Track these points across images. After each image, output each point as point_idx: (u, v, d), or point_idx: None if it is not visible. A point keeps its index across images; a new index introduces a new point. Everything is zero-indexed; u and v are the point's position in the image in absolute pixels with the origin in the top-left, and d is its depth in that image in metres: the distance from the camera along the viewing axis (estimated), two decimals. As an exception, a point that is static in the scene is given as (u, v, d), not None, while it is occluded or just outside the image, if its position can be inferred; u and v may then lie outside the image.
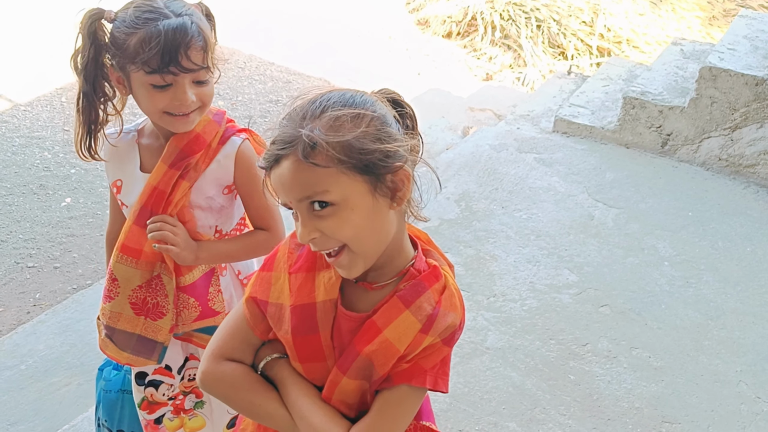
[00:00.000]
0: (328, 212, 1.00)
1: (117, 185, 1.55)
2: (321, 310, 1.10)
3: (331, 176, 0.98)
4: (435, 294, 1.08)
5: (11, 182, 3.87)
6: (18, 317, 3.03)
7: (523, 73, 5.56)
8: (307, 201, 1.00)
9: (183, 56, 1.33)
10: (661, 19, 6.07)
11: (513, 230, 3.02)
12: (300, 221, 1.02)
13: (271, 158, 1.01)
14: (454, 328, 1.08)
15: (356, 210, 1.00)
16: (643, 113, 3.57)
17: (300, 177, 0.99)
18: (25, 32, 5.51)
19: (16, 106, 4.57)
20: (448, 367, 1.11)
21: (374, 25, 6.38)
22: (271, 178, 1.03)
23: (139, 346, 1.57)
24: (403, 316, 1.05)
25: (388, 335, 1.05)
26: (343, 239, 1.02)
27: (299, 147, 0.98)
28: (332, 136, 0.98)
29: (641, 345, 2.51)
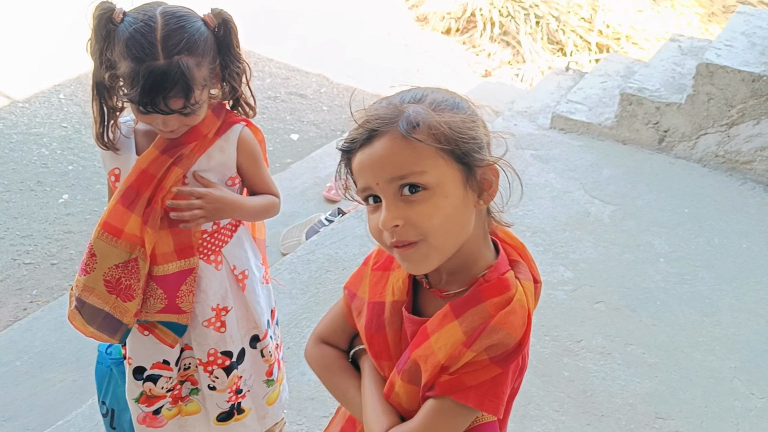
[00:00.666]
0: (421, 197, 0.97)
1: (115, 174, 1.56)
2: (389, 311, 1.11)
3: (430, 157, 0.97)
4: (492, 308, 1.01)
5: (8, 179, 3.88)
6: (15, 314, 3.04)
7: (522, 69, 5.56)
8: (398, 182, 0.97)
9: (161, 102, 1.35)
10: (660, 16, 6.06)
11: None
12: (385, 205, 0.98)
13: (363, 135, 0.98)
14: (506, 347, 1.01)
15: (449, 198, 0.98)
16: (640, 110, 3.57)
17: (398, 154, 0.96)
18: (23, 28, 5.51)
19: (13, 103, 4.58)
20: (500, 389, 1.04)
21: (373, 22, 6.38)
22: (357, 159, 1.00)
23: (105, 324, 1.57)
24: (450, 326, 1.02)
25: (433, 343, 1.03)
26: (429, 228, 0.97)
27: (401, 123, 0.96)
28: (435, 117, 0.97)
29: (636, 341, 2.51)
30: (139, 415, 1.70)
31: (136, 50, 1.33)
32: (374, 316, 1.12)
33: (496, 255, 1.09)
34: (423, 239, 0.98)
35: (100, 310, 1.56)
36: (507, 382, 1.04)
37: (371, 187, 0.99)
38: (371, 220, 1.02)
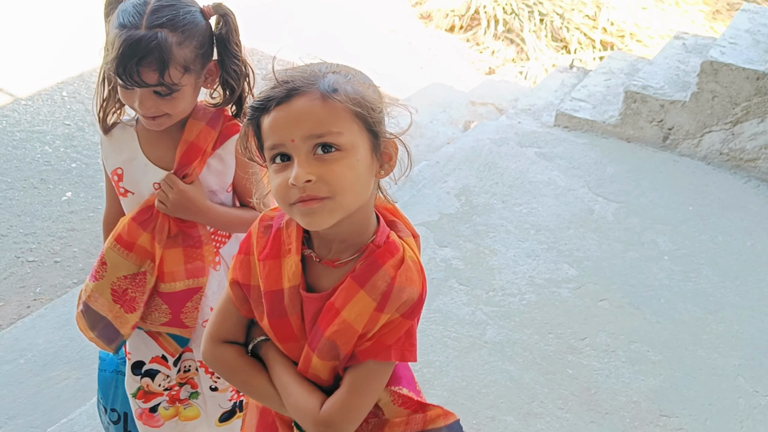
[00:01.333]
0: (335, 156, 1.01)
1: (118, 173, 1.57)
2: (288, 296, 1.13)
3: (347, 120, 1.02)
4: (390, 269, 1.08)
5: (12, 176, 3.88)
6: (18, 311, 3.04)
7: (526, 67, 5.55)
8: (314, 140, 1.01)
9: (133, 71, 1.35)
10: (665, 13, 6.05)
11: (513, 224, 3.02)
12: (297, 162, 1.01)
13: (281, 94, 1.01)
14: (412, 301, 1.09)
15: (360, 161, 1.03)
16: (645, 107, 3.56)
17: (317, 113, 1.00)
18: (26, 26, 5.51)
19: (16, 101, 4.57)
20: (414, 338, 1.13)
21: (377, 19, 6.37)
22: (271, 117, 1.02)
23: (104, 331, 1.59)
24: (359, 297, 1.07)
25: (346, 316, 1.07)
26: (339, 186, 1.02)
27: (321, 84, 1.01)
28: (353, 87, 1.03)
29: (640, 339, 2.51)
30: (136, 410, 1.71)
31: (123, 18, 1.36)
32: (274, 304, 1.14)
33: (377, 221, 1.15)
34: (331, 197, 1.02)
35: (103, 317, 1.58)
36: (415, 330, 1.14)
37: (284, 144, 1.02)
38: (277, 178, 1.04)
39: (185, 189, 1.51)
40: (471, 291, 2.66)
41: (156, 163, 1.54)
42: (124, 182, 1.57)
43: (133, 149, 1.54)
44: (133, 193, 1.57)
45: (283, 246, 1.14)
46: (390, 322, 1.08)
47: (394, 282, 1.07)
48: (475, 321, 2.53)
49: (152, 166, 1.54)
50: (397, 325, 1.09)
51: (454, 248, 2.86)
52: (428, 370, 2.32)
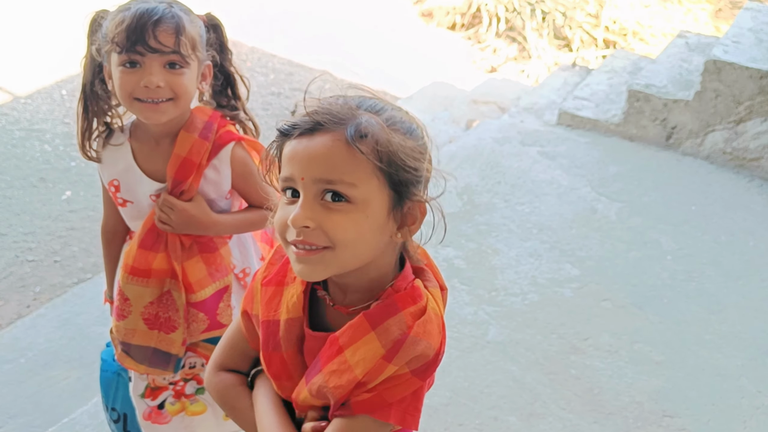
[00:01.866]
0: (341, 208, 0.92)
1: (114, 185, 1.56)
2: (284, 329, 1.04)
3: (366, 172, 0.92)
4: (409, 318, 0.97)
5: (11, 175, 3.87)
6: (18, 311, 3.03)
7: (528, 65, 5.54)
8: (323, 186, 0.92)
9: (150, 35, 1.34)
10: (667, 12, 6.03)
11: (515, 224, 3.01)
12: (301, 203, 0.93)
13: (307, 125, 0.93)
14: (426, 359, 0.97)
15: (369, 219, 0.94)
16: (648, 106, 3.54)
17: (335, 157, 0.91)
18: (25, 24, 5.50)
19: (16, 99, 4.57)
20: (420, 402, 1.01)
21: (378, 17, 6.35)
22: (291, 146, 0.94)
23: (154, 359, 1.60)
24: (367, 338, 0.96)
25: (349, 357, 0.96)
26: (338, 240, 0.93)
27: (350, 127, 0.92)
28: (386, 136, 0.93)
29: (642, 339, 2.50)
30: (145, 410, 1.70)
31: (129, 4, 1.37)
32: (269, 335, 1.05)
33: (401, 264, 1.05)
34: (330, 248, 0.93)
35: (146, 347, 1.58)
36: (424, 394, 1.02)
37: (294, 179, 0.94)
38: (281, 211, 0.96)
39: (186, 207, 1.49)
40: (473, 291, 2.65)
41: (150, 176, 1.52)
42: (122, 193, 1.56)
43: (128, 161, 1.53)
44: (132, 203, 1.56)
45: (288, 273, 1.06)
46: (397, 377, 0.96)
47: (409, 332, 0.96)
48: (477, 321, 2.52)
49: (147, 179, 1.52)
50: (404, 382, 0.97)
51: (456, 248, 2.84)
52: (430, 370, 2.31)
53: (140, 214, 1.56)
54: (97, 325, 2.68)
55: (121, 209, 1.59)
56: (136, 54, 1.35)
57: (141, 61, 1.36)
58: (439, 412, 2.17)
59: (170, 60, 1.37)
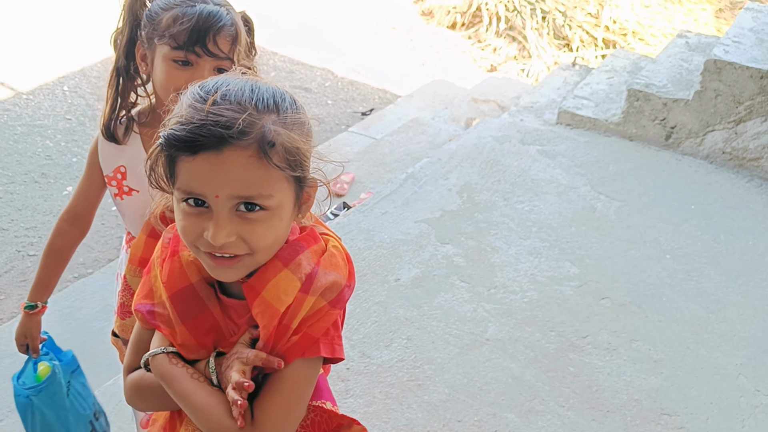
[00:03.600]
0: (259, 217, 0.92)
1: (121, 171, 1.54)
2: (201, 289, 1.03)
3: (278, 181, 0.92)
4: (314, 255, 1.01)
5: (13, 170, 3.88)
6: (19, 305, 3.03)
7: (528, 64, 5.55)
8: (238, 201, 0.91)
9: (211, 40, 1.36)
10: (668, 12, 6.04)
11: (515, 222, 3.02)
12: (218, 220, 0.91)
13: (211, 141, 0.87)
14: (339, 287, 1.01)
15: (283, 219, 0.96)
16: (648, 106, 3.55)
17: (250, 175, 0.89)
18: (27, 20, 5.50)
19: (18, 95, 4.57)
20: (340, 331, 1.05)
21: (378, 16, 6.37)
22: (196, 163, 0.89)
23: None
24: (282, 275, 0.98)
25: (267, 295, 0.98)
26: (260, 246, 0.94)
27: (259, 140, 0.89)
28: (290, 140, 0.93)
29: (641, 337, 2.50)
30: (143, 419, 1.70)
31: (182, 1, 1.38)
32: (187, 302, 1.02)
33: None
34: (249, 254, 0.94)
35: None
36: (342, 323, 1.06)
37: (205, 195, 0.91)
38: (186, 221, 0.93)
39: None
40: (472, 288, 2.65)
41: None
42: (128, 180, 1.54)
43: (137, 148, 1.52)
44: (138, 191, 1.54)
45: (180, 243, 1.04)
46: (318, 310, 0.99)
47: (318, 265, 1.00)
48: (476, 318, 2.53)
49: None
50: (324, 315, 0.99)
51: (455, 245, 2.85)
52: (429, 366, 2.32)
53: (146, 204, 1.54)
54: (97, 319, 2.69)
55: (124, 200, 1.56)
56: (193, 54, 1.36)
57: (195, 61, 1.37)
58: (438, 409, 2.18)
59: (221, 65, 1.39)
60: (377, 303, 2.54)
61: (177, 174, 0.92)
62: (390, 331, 2.43)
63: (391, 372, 2.27)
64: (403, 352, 2.36)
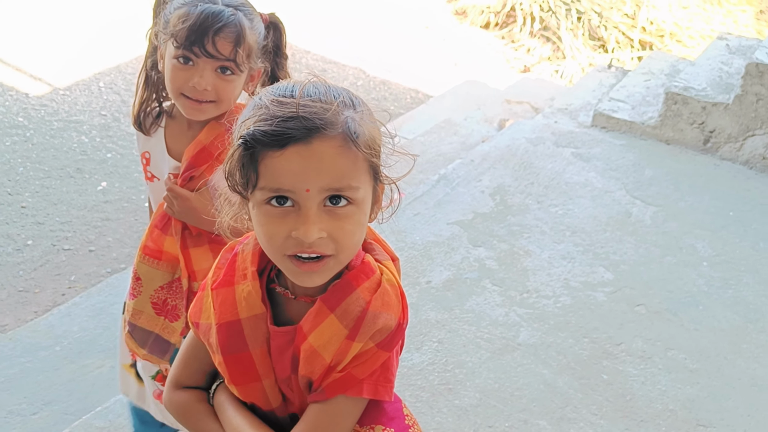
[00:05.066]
0: (347, 212, 0.91)
1: (146, 157, 1.61)
2: (248, 327, 1.01)
3: (363, 171, 0.93)
4: (365, 293, 0.97)
5: (49, 165, 3.93)
6: (53, 299, 3.08)
7: (562, 65, 5.49)
8: (328, 193, 0.90)
9: (209, 40, 1.36)
10: (706, 13, 5.93)
11: (548, 225, 2.98)
12: (309, 215, 0.89)
13: (301, 133, 0.87)
14: (389, 330, 0.98)
15: (365, 216, 0.95)
16: (686, 109, 3.49)
17: (341, 164, 0.89)
18: (63, 16, 5.58)
19: (55, 90, 4.63)
20: (391, 372, 1.02)
21: (411, 15, 6.34)
22: (284, 157, 0.88)
23: (154, 346, 1.61)
24: (328, 321, 0.96)
25: (313, 342, 0.96)
26: (346, 245, 0.93)
27: (345, 130, 0.89)
28: (369, 131, 0.93)
29: (677, 346, 2.46)
30: (155, 390, 1.72)
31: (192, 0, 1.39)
32: (230, 337, 1.01)
33: None
34: (334, 256, 0.93)
35: (150, 332, 1.60)
36: (394, 363, 1.03)
37: (294, 192, 0.89)
38: (271, 224, 0.91)
39: (188, 197, 1.51)
40: (505, 292, 2.63)
41: (174, 156, 1.55)
42: (151, 166, 1.60)
43: (159, 137, 1.58)
44: (159, 179, 1.60)
45: (237, 272, 1.03)
46: (364, 353, 0.97)
47: (368, 307, 0.97)
48: (508, 322, 2.50)
49: (168, 158, 1.56)
50: (371, 357, 0.98)
51: (488, 248, 2.83)
52: (460, 370, 2.30)
53: (163, 191, 1.57)
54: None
55: (149, 185, 1.63)
56: (192, 53, 1.38)
57: (195, 61, 1.39)
58: (469, 413, 2.16)
59: (223, 65, 1.40)
60: (408, 305, 2.52)
61: (261, 173, 0.90)
62: (421, 333, 2.41)
63: (422, 375, 2.26)
64: (434, 356, 2.34)
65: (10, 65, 4.84)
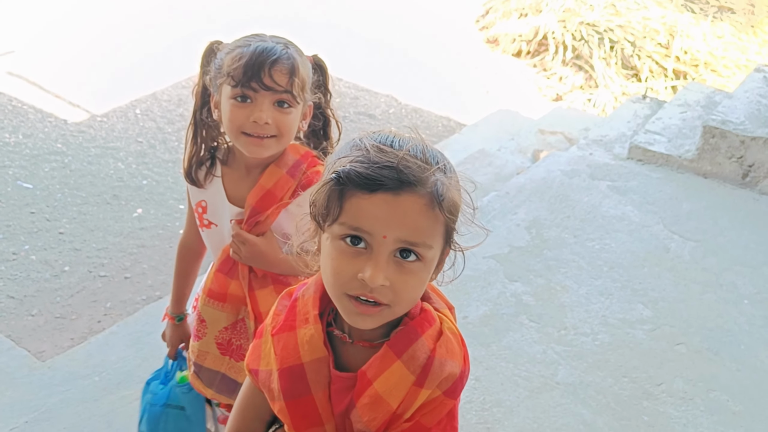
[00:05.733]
0: (414, 267, 0.94)
1: (202, 206, 1.61)
2: (311, 370, 1.02)
3: (439, 234, 0.95)
4: (429, 341, 0.99)
5: (86, 191, 3.98)
6: (89, 326, 3.10)
7: (595, 94, 5.47)
8: (402, 245, 0.92)
9: (266, 74, 1.38)
10: (741, 42, 5.89)
11: (585, 260, 2.95)
12: (377, 261, 0.92)
13: (393, 182, 0.91)
14: (454, 377, 1.00)
15: (429, 273, 0.98)
16: (724, 143, 3.45)
17: (422, 221, 0.92)
18: (101, 44, 5.69)
19: (92, 117, 4.72)
20: (455, 420, 1.04)
21: (443, 43, 6.38)
22: (372, 201, 0.91)
23: (222, 385, 1.63)
24: (395, 367, 0.97)
25: (379, 388, 0.97)
26: (404, 299, 0.95)
27: (434, 191, 0.93)
28: (454, 197, 0.96)
29: (719, 387, 2.41)
30: (220, 416, 1.76)
31: (248, 39, 1.43)
32: (293, 382, 1.02)
33: None
34: (389, 306, 0.94)
35: (216, 372, 1.63)
36: (458, 411, 1.05)
37: (371, 234, 0.92)
38: (341, 260, 0.94)
39: (256, 242, 1.52)
40: (542, 328, 2.60)
41: (234, 202, 1.56)
42: (208, 215, 1.61)
43: (216, 185, 1.58)
44: (217, 225, 1.61)
45: (298, 316, 1.04)
46: (432, 401, 0.98)
47: (434, 354, 0.98)
48: (546, 360, 2.47)
49: (229, 204, 1.56)
50: (438, 405, 0.99)
51: (524, 283, 2.80)
52: (498, 409, 2.27)
53: (222, 238, 1.60)
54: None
55: (204, 231, 1.64)
56: (250, 89, 1.39)
57: (253, 97, 1.40)
58: (508, 454, 2.13)
59: (280, 99, 1.42)
60: (445, 340, 2.51)
61: (344, 209, 0.93)
62: (458, 370, 2.39)
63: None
64: (471, 393, 2.32)
65: (50, 92, 4.94)
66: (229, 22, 5.97)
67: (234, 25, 5.87)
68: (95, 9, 6.32)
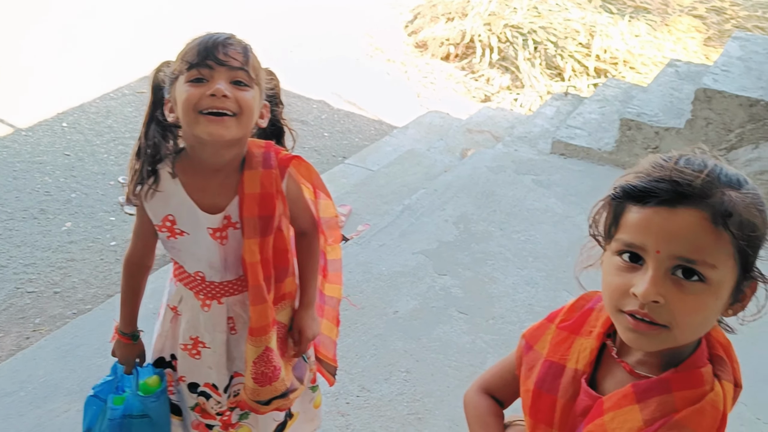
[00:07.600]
0: (695, 289, 0.89)
1: (170, 219, 1.53)
2: (568, 377, 1.05)
3: (726, 254, 0.90)
4: (679, 401, 0.94)
5: (12, 207, 3.89)
6: (17, 343, 3.03)
7: (521, 94, 5.62)
8: (679, 262, 0.89)
9: (219, 51, 1.38)
10: (657, 40, 6.13)
11: (511, 252, 3.04)
12: (652, 276, 0.89)
13: (667, 195, 0.89)
14: None
15: (718, 301, 0.91)
16: (640, 135, 3.60)
17: (700, 237, 0.88)
18: (25, 57, 5.56)
19: (17, 131, 4.61)
20: None
21: (374, 48, 6.45)
22: (645, 214, 0.91)
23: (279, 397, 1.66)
24: (629, 409, 0.95)
25: (607, 421, 0.96)
26: (681, 322, 0.90)
27: (716, 205, 0.89)
28: (749, 215, 0.91)
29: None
30: (194, 420, 1.72)
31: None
32: (548, 376, 1.06)
33: (697, 345, 1.00)
34: (669, 328, 0.90)
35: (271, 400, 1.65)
36: None
37: (645, 249, 0.91)
38: (618, 277, 0.93)
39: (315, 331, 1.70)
40: (471, 319, 2.67)
41: (206, 209, 1.50)
42: (179, 225, 1.54)
43: (180, 196, 1.51)
44: (190, 234, 1.54)
45: (586, 325, 1.07)
46: None
47: (675, 415, 0.93)
48: (475, 350, 2.53)
49: (202, 213, 1.50)
50: None
51: (453, 276, 2.87)
52: (429, 399, 2.32)
53: (196, 244, 1.54)
54: (97, 356, 2.68)
55: (173, 240, 1.55)
56: (205, 68, 1.37)
57: (209, 76, 1.37)
58: (441, 443, 2.18)
59: (237, 77, 1.39)
60: (376, 336, 2.55)
61: (620, 224, 0.95)
62: (389, 363, 2.43)
63: (391, 406, 2.28)
64: (403, 386, 2.36)
65: (-30, 108, 4.81)
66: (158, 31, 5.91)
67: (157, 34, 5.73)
68: (16, 20, 6.17)
